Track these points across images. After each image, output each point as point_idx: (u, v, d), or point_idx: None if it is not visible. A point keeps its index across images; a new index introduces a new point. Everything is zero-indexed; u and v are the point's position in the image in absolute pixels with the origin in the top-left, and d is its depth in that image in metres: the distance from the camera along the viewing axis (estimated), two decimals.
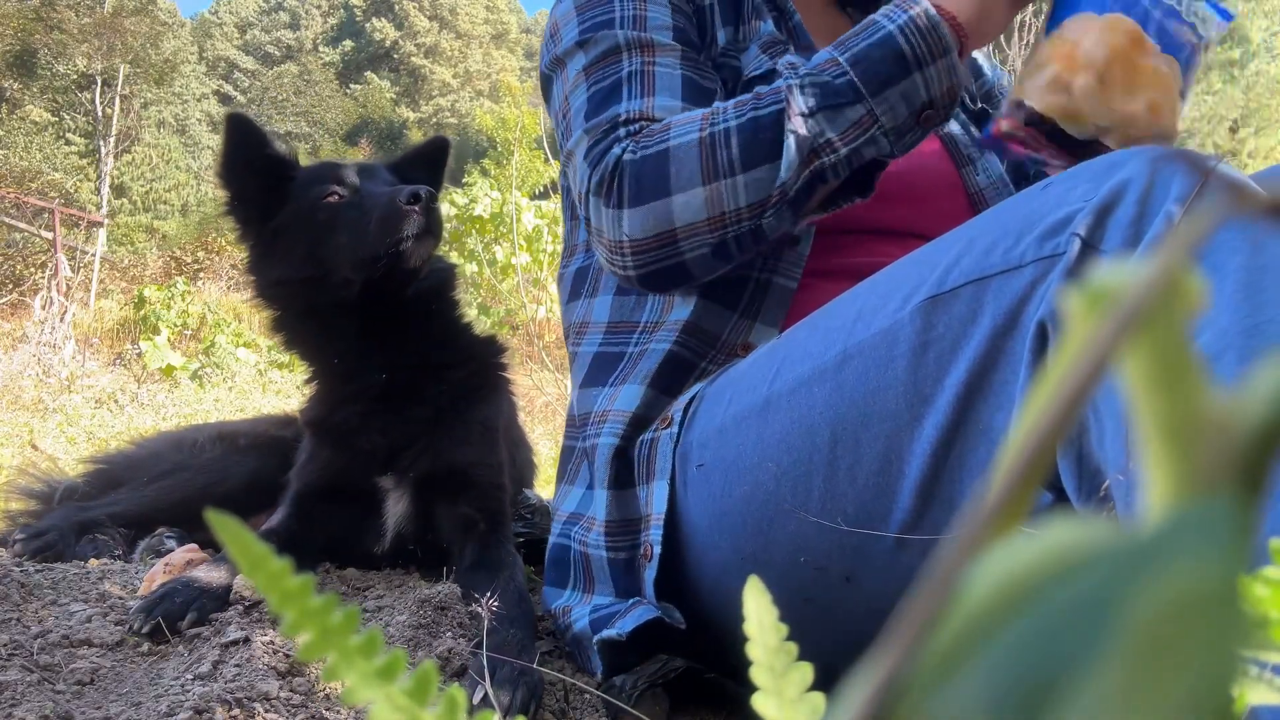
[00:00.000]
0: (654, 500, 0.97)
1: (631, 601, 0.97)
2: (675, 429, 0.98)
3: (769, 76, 1.06)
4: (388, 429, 1.22)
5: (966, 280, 0.72)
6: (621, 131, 1.01)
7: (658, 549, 0.95)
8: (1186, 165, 0.65)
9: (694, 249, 0.97)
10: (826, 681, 0.29)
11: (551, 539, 1.12)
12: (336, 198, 1.22)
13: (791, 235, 1.01)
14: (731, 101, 0.97)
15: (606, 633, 0.93)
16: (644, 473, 1.00)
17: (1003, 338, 0.70)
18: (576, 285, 1.21)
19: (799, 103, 0.91)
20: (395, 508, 1.23)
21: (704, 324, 1.05)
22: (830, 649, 0.29)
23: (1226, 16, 0.92)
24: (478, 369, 1.31)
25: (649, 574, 0.96)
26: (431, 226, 1.16)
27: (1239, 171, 0.66)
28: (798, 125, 0.91)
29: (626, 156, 0.99)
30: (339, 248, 1.19)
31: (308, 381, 1.31)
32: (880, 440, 0.77)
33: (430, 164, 1.39)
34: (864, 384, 0.78)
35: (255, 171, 1.26)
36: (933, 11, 0.91)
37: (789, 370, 0.86)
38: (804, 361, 0.85)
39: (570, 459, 1.16)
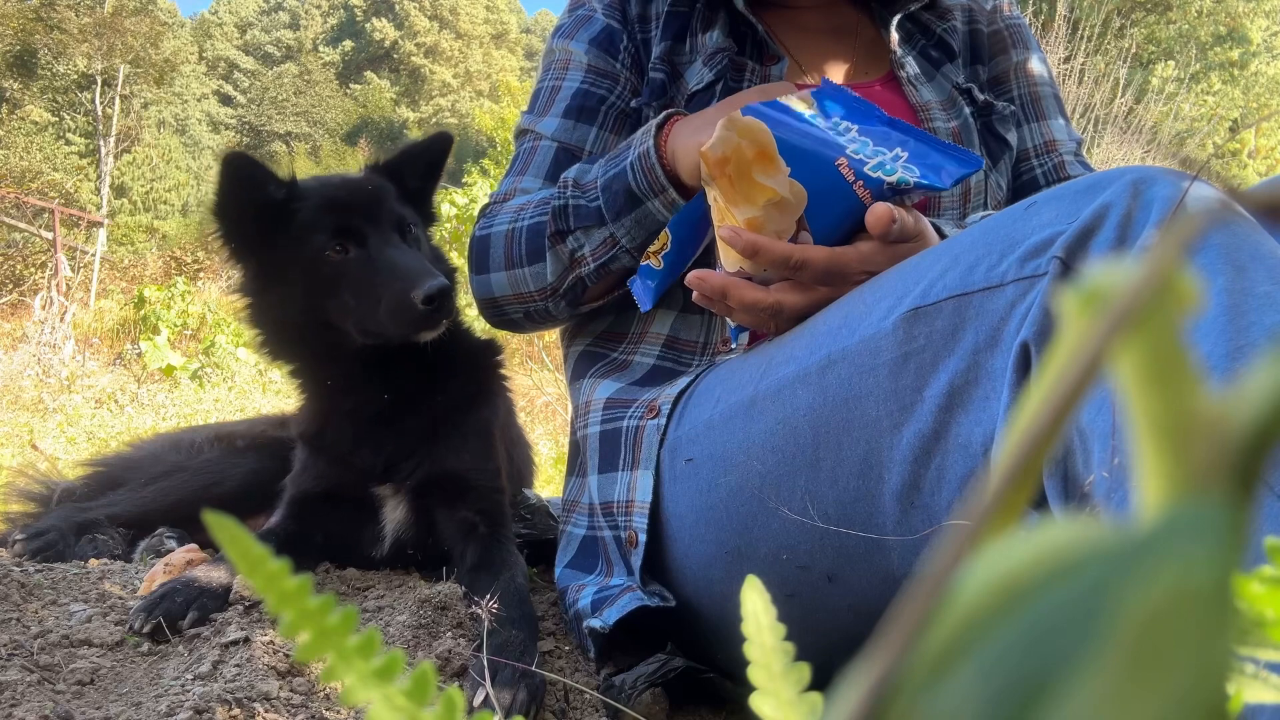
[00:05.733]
0: (638, 488, 1.01)
1: (623, 586, 0.99)
2: (663, 420, 1.00)
3: (709, 89, 1.15)
4: (382, 444, 1.20)
5: (949, 295, 0.73)
6: (489, 208, 1.20)
7: (643, 536, 0.98)
8: (1169, 185, 0.65)
9: (512, 314, 1.18)
10: (812, 678, 0.29)
11: (580, 530, 1.13)
12: (341, 251, 1.15)
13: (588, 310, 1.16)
14: (545, 195, 1.12)
15: (591, 622, 0.96)
16: (629, 459, 1.04)
17: (983, 354, 0.71)
18: None
19: (563, 220, 1.07)
20: (393, 514, 1.22)
21: (683, 335, 1.12)
22: (814, 645, 0.29)
23: (934, 186, 0.89)
24: (475, 374, 1.31)
25: (635, 560, 0.99)
26: (446, 313, 1.12)
27: (1219, 189, 0.67)
28: (557, 240, 1.08)
29: (476, 232, 1.19)
30: (343, 308, 1.15)
31: (299, 391, 1.29)
32: (861, 445, 0.78)
33: (431, 161, 1.36)
34: (846, 389, 0.79)
35: (253, 212, 1.19)
36: (652, 154, 1.00)
37: (775, 371, 0.87)
38: (790, 364, 0.86)
39: (575, 453, 1.20)
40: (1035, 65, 1.28)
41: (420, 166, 1.32)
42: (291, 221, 1.17)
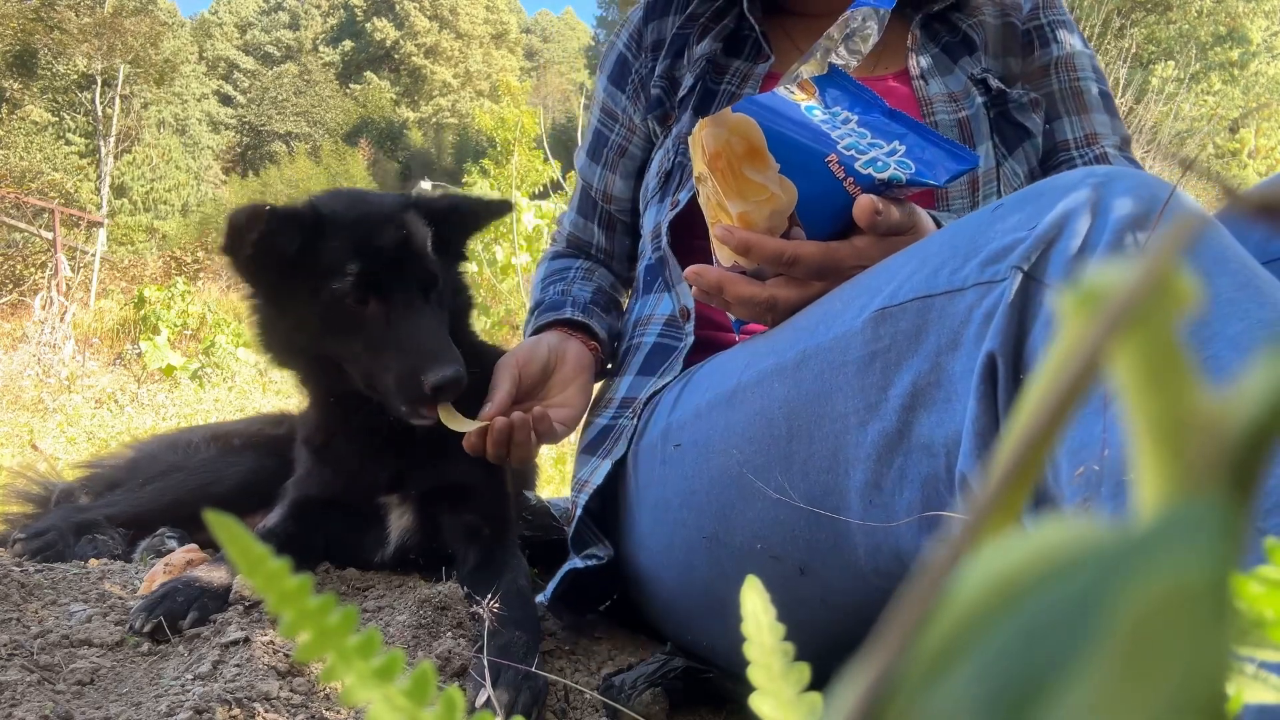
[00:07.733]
0: (597, 474, 1.10)
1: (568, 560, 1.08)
2: (635, 421, 1.09)
3: (690, 93, 1.24)
4: (389, 458, 1.20)
5: (914, 296, 0.74)
6: (554, 240, 1.49)
7: (580, 511, 1.09)
8: (1129, 189, 0.65)
9: None
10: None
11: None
12: (361, 303, 1.09)
13: None
14: (545, 272, 1.40)
15: (539, 597, 1.06)
16: (607, 448, 1.12)
17: (944, 356, 0.71)
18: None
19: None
20: (399, 522, 1.22)
21: (679, 314, 1.19)
22: (790, 637, 0.30)
23: (927, 181, 0.89)
24: (481, 381, 1.29)
25: (569, 532, 1.10)
26: (449, 398, 1.08)
27: (1191, 198, 0.67)
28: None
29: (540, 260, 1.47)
30: (353, 356, 1.11)
31: (304, 397, 1.26)
32: (830, 440, 0.80)
33: (481, 222, 1.29)
34: (818, 385, 0.81)
35: (274, 262, 1.11)
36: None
37: (757, 363, 0.89)
38: (770, 356, 0.88)
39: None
40: (1079, 60, 1.27)
41: (467, 226, 1.26)
42: (315, 256, 1.10)
